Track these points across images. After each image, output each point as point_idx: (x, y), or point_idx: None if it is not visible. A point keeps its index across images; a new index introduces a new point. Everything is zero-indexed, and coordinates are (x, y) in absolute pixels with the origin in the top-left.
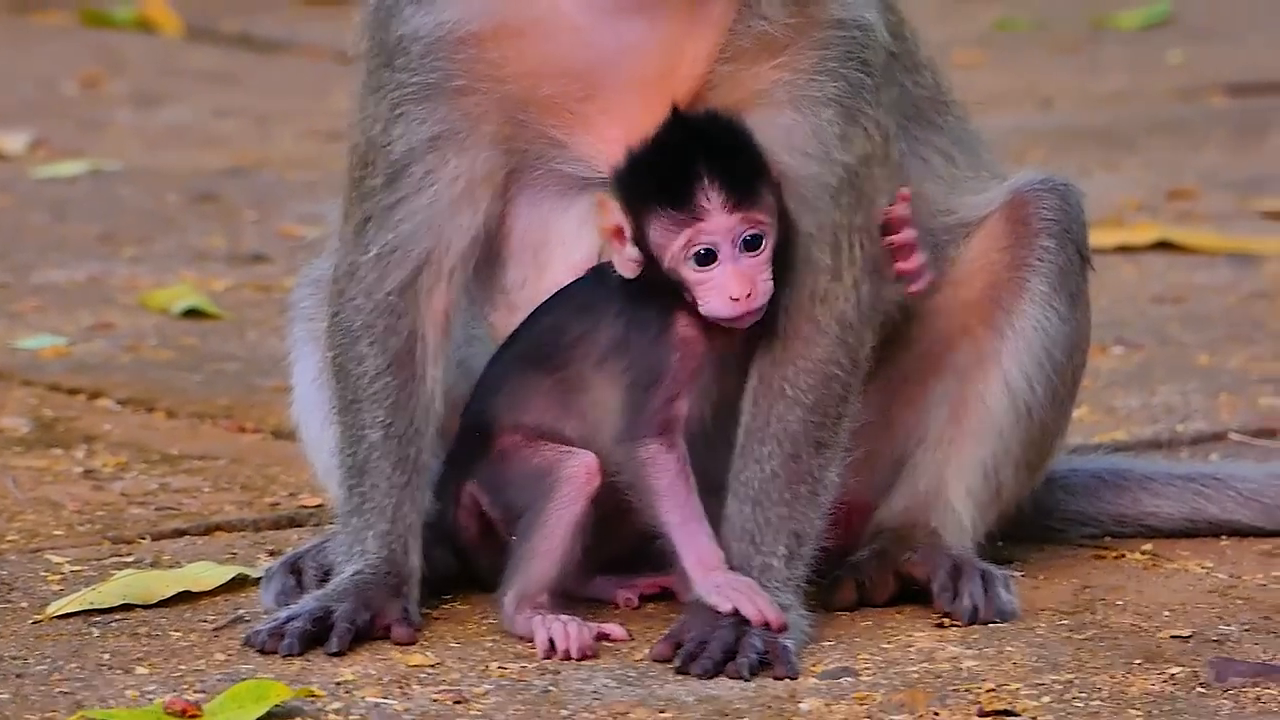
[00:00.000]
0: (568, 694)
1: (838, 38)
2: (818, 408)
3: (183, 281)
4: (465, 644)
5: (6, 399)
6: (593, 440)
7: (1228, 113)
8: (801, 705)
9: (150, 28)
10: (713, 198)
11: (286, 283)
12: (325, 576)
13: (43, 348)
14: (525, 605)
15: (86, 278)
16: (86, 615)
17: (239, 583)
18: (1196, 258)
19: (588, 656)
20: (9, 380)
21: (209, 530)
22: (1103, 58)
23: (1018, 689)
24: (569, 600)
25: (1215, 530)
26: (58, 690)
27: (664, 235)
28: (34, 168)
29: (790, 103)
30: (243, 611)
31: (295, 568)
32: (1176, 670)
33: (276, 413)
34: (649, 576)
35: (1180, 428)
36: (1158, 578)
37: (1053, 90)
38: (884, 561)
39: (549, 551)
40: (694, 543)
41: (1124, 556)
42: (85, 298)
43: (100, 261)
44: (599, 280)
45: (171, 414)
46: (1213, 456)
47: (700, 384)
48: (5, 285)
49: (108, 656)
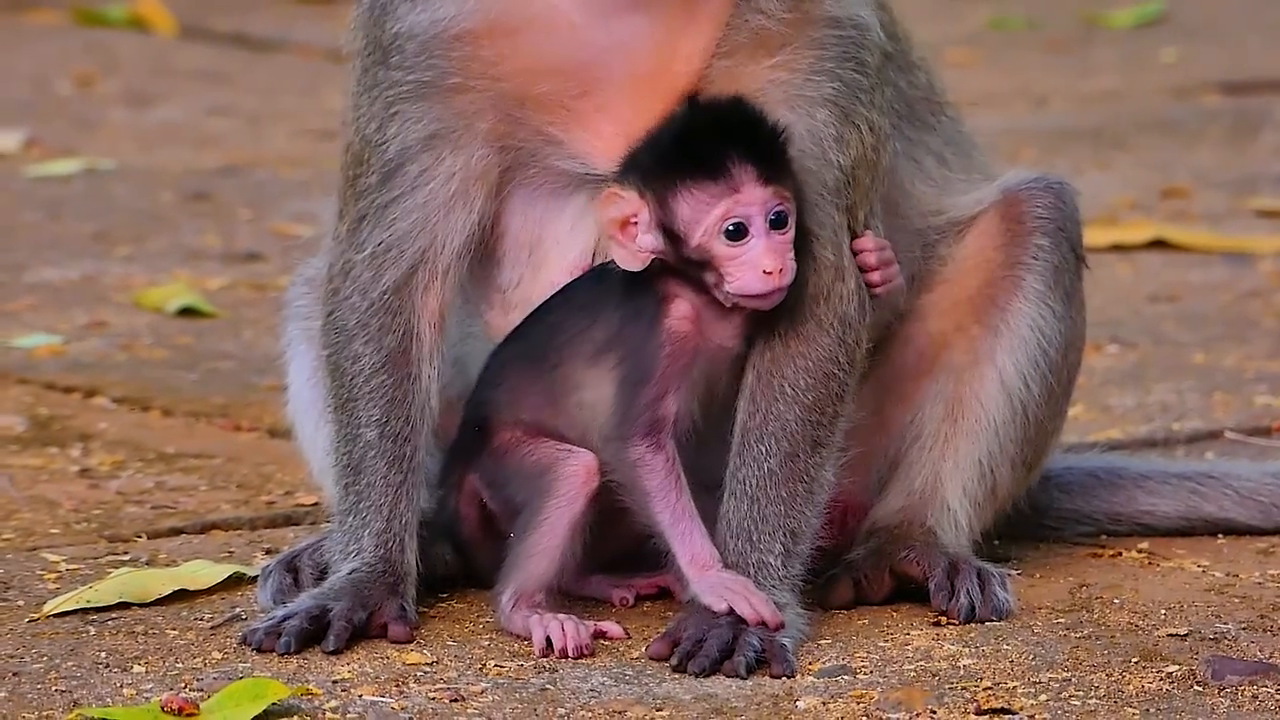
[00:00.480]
0: (565, 692)
1: (834, 37)
2: (816, 407)
3: (177, 280)
4: (462, 642)
5: (2, 398)
6: (584, 440)
7: (1221, 111)
8: (799, 703)
9: (144, 26)
10: (747, 170)
11: (281, 281)
12: (322, 575)
13: (37, 346)
14: (522, 603)
15: (81, 276)
16: (83, 614)
17: (236, 581)
18: (1191, 256)
19: (585, 655)
20: (4, 379)
21: (205, 529)
22: (1096, 57)
23: (1015, 687)
24: (566, 598)
25: (1211, 528)
26: (55, 689)
27: (697, 209)
28: (28, 166)
29: (786, 102)
30: (239, 610)
31: (292, 566)
32: (1173, 668)
33: (272, 411)
34: (646, 576)
35: (1176, 426)
36: (1154, 576)
37: (1046, 89)
38: (880, 560)
39: (547, 550)
40: (688, 542)
41: (1120, 555)
42: (80, 296)
43: (94, 260)
44: (599, 280)
45: (167, 412)
46: (1208, 455)
47: (690, 381)
48: (0, 284)
49: (104, 655)
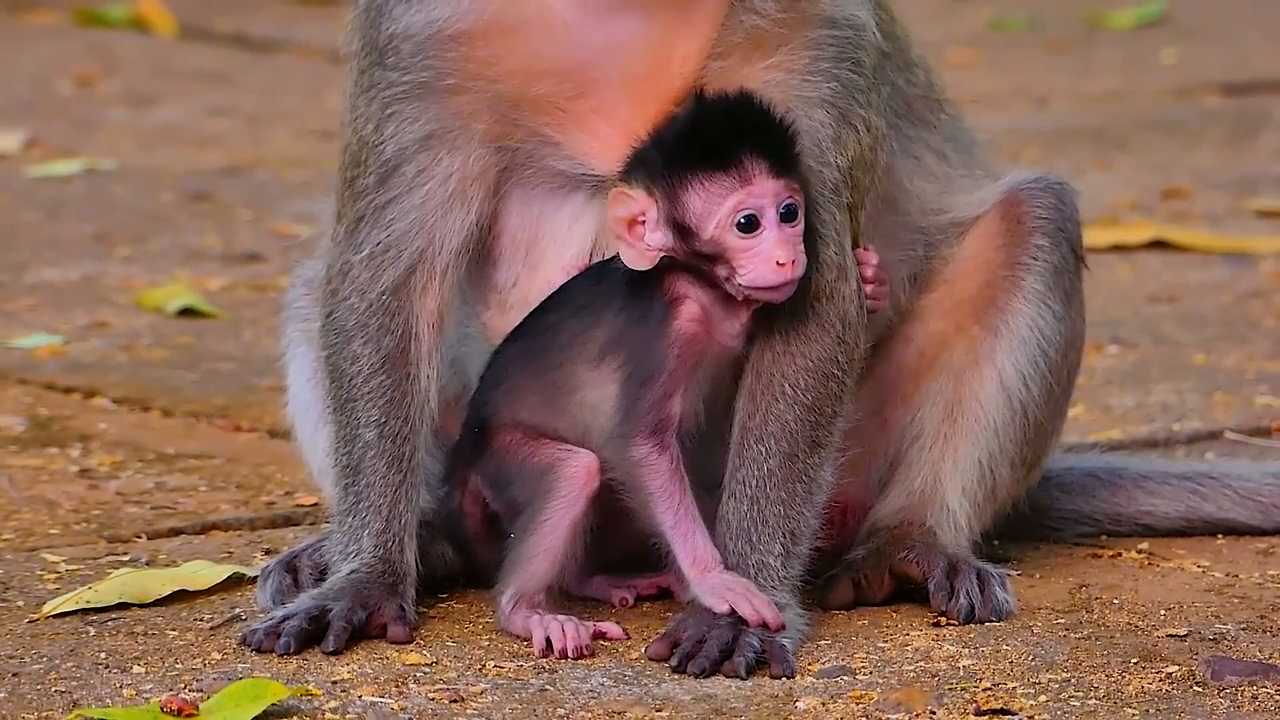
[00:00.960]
0: (564, 693)
1: (830, 37)
2: (815, 406)
3: (177, 281)
4: (462, 643)
5: (1, 398)
6: (585, 440)
7: (1222, 112)
8: (798, 704)
9: (144, 27)
10: (759, 162)
11: (281, 282)
12: (321, 575)
13: (38, 347)
14: (522, 604)
15: (81, 277)
16: (83, 614)
17: (235, 582)
18: (1191, 257)
19: (584, 655)
20: (4, 379)
21: (205, 529)
22: (1097, 57)
23: (1014, 688)
24: (567, 599)
25: (1211, 529)
26: (54, 689)
27: (709, 202)
28: (28, 167)
29: (783, 103)
30: (239, 610)
31: (291, 567)
32: (1173, 669)
33: (272, 412)
34: (647, 577)
35: (1176, 426)
36: (1154, 576)
37: (1047, 90)
38: (880, 560)
39: (548, 551)
40: (689, 544)
41: (1120, 555)
42: (80, 297)
43: (95, 261)
44: (599, 278)
45: (167, 413)
46: (1208, 455)
47: (695, 382)
48: (0, 284)
49: (104, 655)
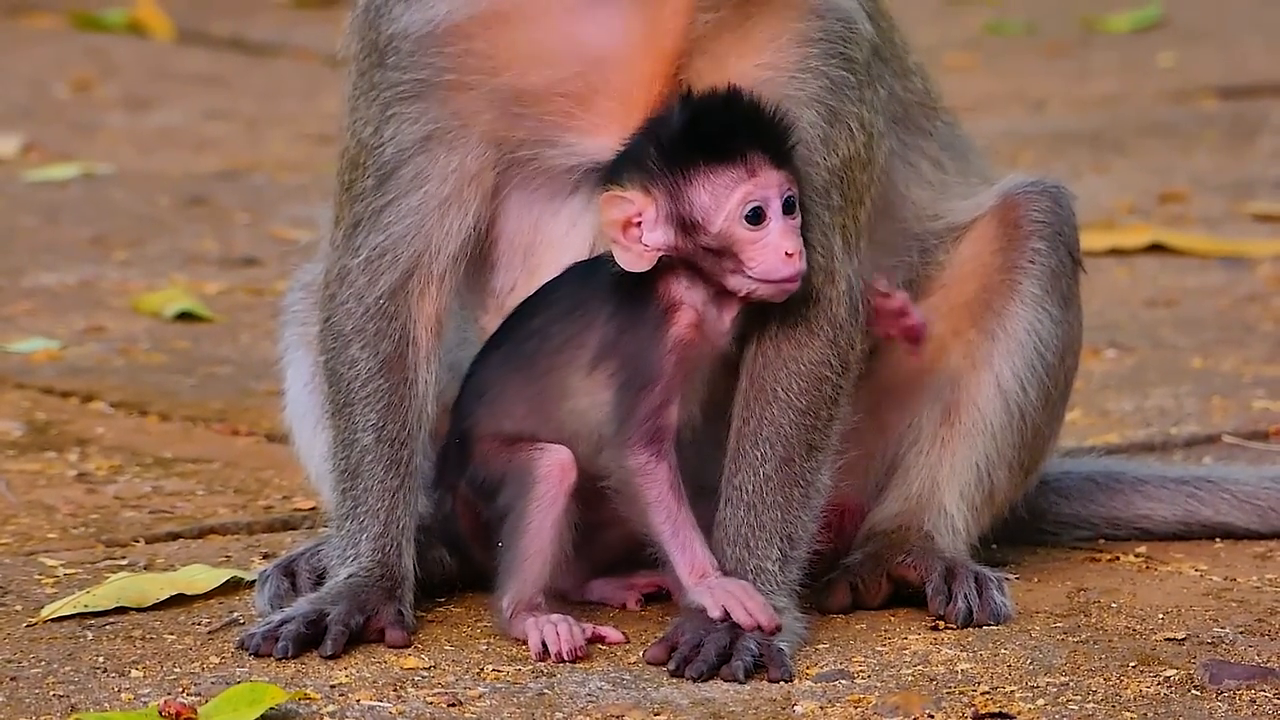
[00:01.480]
0: (563, 697)
1: (819, 30)
2: (810, 411)
3: (175, 285)
4: (460, 647)
5: None
6: (571, 446)
7: (1219, 115)
8: (796, 708)
9: (141, 31)
10: (762, 153)
11: (278, 286)
12: (319, 580)
13: (35, 351)
14: (520, 607)
15: (78, 281)
16: (81, 618)
17: (233, 586)
18: (1188, 260)
19: (580, 658)
20: (1, 383)
21: (203, 533)
22: (1093, 61)
23: (1013, 691)
24: (568, 603)
25: (1209, 533)
26: (52, 693)
27: (717, 195)
28: (25, 171)
29: (773, 101)
30: (237, 615)
31: (289, 571)
32: (1171, 673)
33: (270, 416)
34: (646, 575)
35: (1173, 430)
36: (1152, 580)
37: (1044, 93)
38: (878, 564)
39: (537, 553)
40: (687, 552)
41: (1118, 559)
42: (77, 301)
43: (92, 265)
44: (583, 280)
45: (164, 417)
46: (1206, 459)
47: (692, 387)
48: None
49: (102, 659)
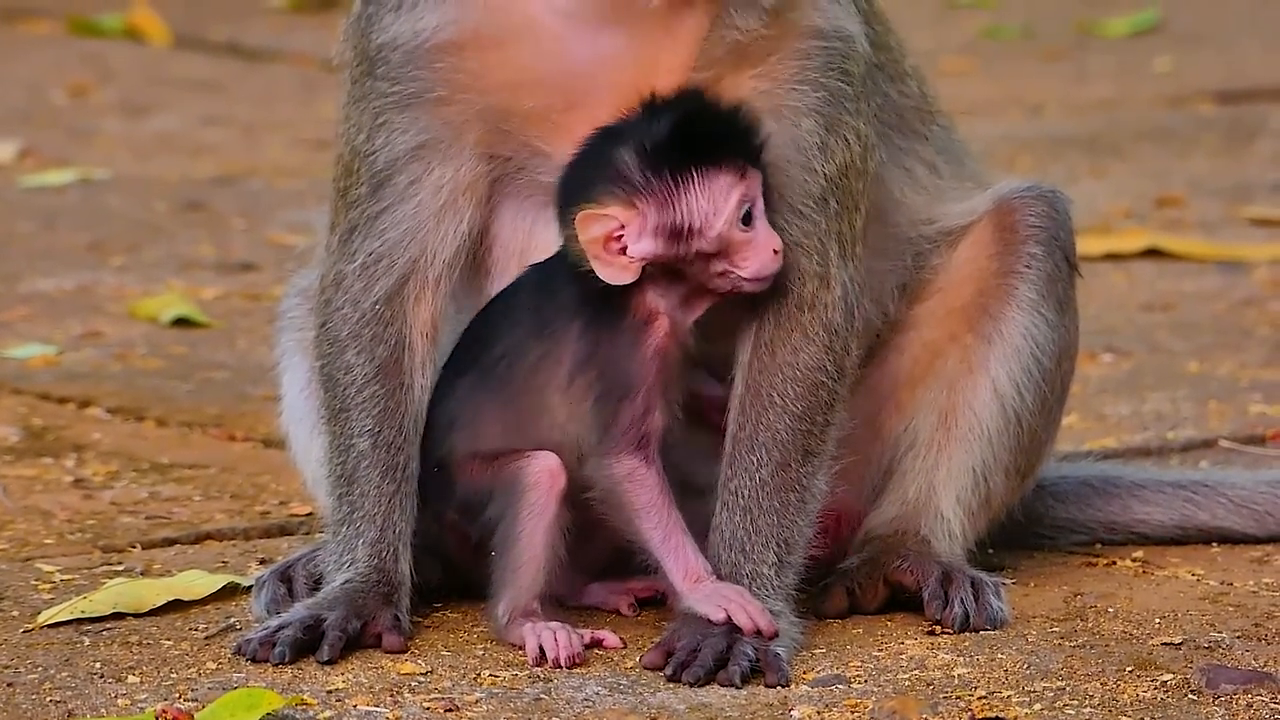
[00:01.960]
0: (559, 702)
1: (819, 48)
2: (805, 416)
3: (171, 290)
4: (456, 652)
5: None
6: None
7: (1215, 120)
8: (793, 713)
9: (138, 37)
10: (746, 154)
11: (275, 291)
12: (316, 585)
13: (31, 357)
14: (517, 614)
15: (75, 287)
16: (77, 624)
17: (230, 591)
18: (1185, 265)
19: (577, 664)
20: None
21: (200, 539)
22: (1090, 65)
23: (1009, 696)
24: (564, 608)
25: (1206, 537)
26: (49, 699)
27: (716, 199)
28: (22, 177)
29: (770, 112)
30: (234, 620)
31: (286, 576)
32: (1168, 677)
33: (266, 421)
34: (642, 580)
35: (1170, 435)
36: (1149, 585)
37: (1041, 98)
38: (874, 569)
39: (531, 559)
40: (679, 557)
41: (1115, 564)
42: (74, 307)
43: (89, 270)
44: (542, 294)
45: (161, 423)
46: (1203, 464)
47: (671, 391)
48: None
49: (99, 665)
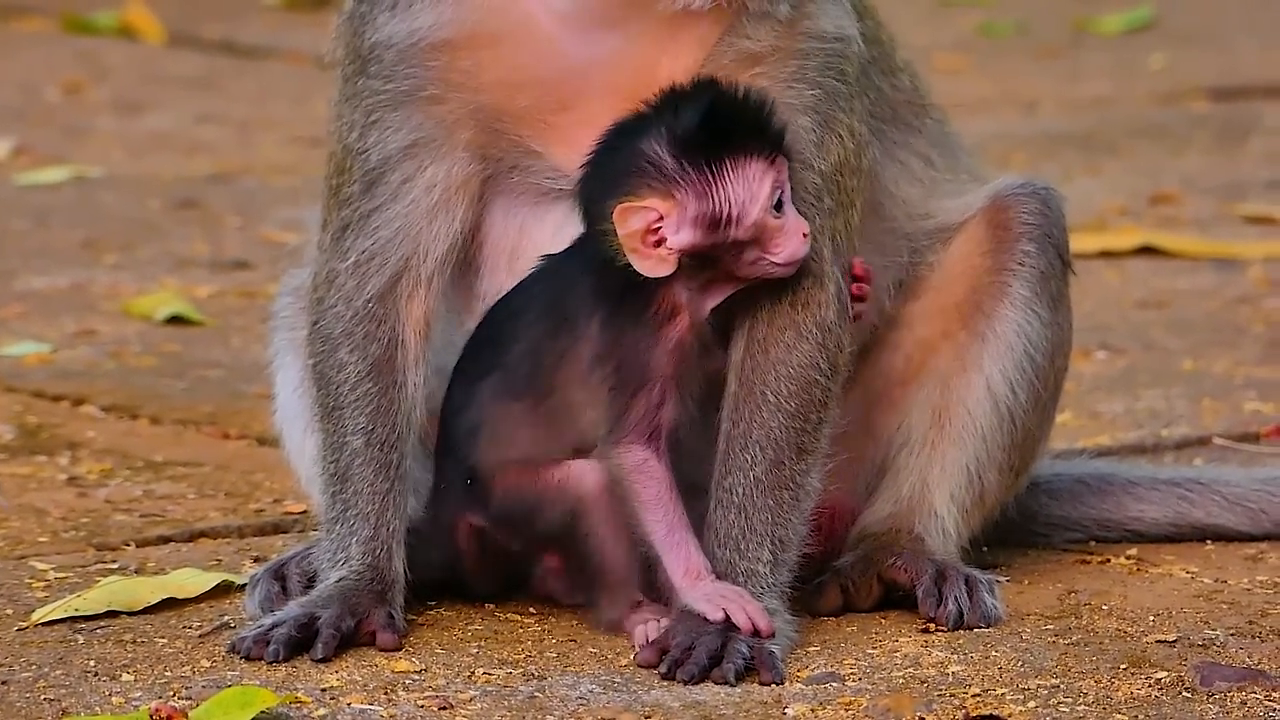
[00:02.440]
0: (553, 700)
1: (817, 49)
2: (799, 413)
3: (165, 288)
4: (451, 650)
5: None
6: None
7: (1210, 117)
8: (787, 710)
9: (132, 34)
10: (772, 142)
11: (269, 289)
12: (310, 583)
13: (26, 354)
14: (629, 613)
15: (69, 284)
16: (71, 622)
17: (224, 589)
18: (1179, 262)
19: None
20: None
21: (194, 537)
22: (1085, 62)
23: (1004, 694)
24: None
25: (1200, 535)
26: (43, 697)
27: (752, 186)
28: (16, 174)
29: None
30: (228, 618)
31: (280, 574)
32: (1162, 675)
33: (260, 419)
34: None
35: (1164, 432)
36: (1143, 582)
37: (1035, 95)
38: (868, 567)
39: (623, 561)
40: (681, 553)
41: (1109, 561)
42: (68, 304)
43: (83, 268)
44: (555, 289)
45: (155, 421)
46: (1197, 461)
47: (687, 383)
48: None
49: (93, 663)
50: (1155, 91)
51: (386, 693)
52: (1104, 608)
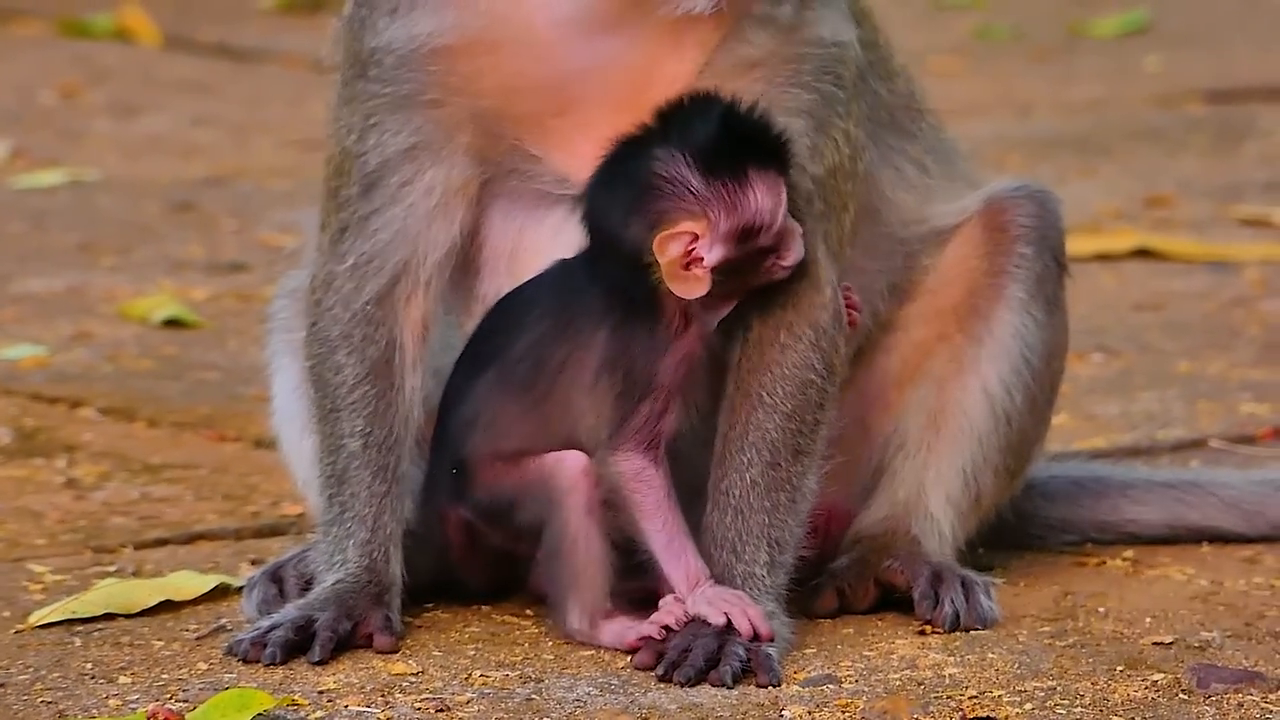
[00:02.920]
0: (550, 702)
1: (815, 54)
2: (795, 415)
3: (162, 291)
4: (447, 652)
5: None
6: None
7: (1205, 119)
8: (784, 713)
9: (128, 38)
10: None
11: (266, 292)
12: (307, 585)
13: (22, 357)
14: (597, 617)
15: (66, 287)
16: (69, 625)
17: (221, 592)
18: (1175, 265)
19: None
20: None
21: (191, 539)
22: (1080, 65)
23: (1000, 696)
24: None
25: (1196, 537)
26: (40, 700)
27: (772, 194)
28: (12, 177)
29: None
30: (225, 620)
31: (277, 576)
32: (1158, 677)
33: (257, 422)
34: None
35: (1160, 434)
36: (1139, 584)
37: (1030, 98)
38: (864, 569)
39: (595, 560)
40: (681, 560)
41: (1105, 563)
42: (64, 307)
43: (79, 271)
44: (564, 291)
45: (152, 423)
46: (1193, 463)
47: (690, 391)
48: None
49: (90, 666)
50: (1151, 94)
51: (383, 695)
52: (1100, 610)
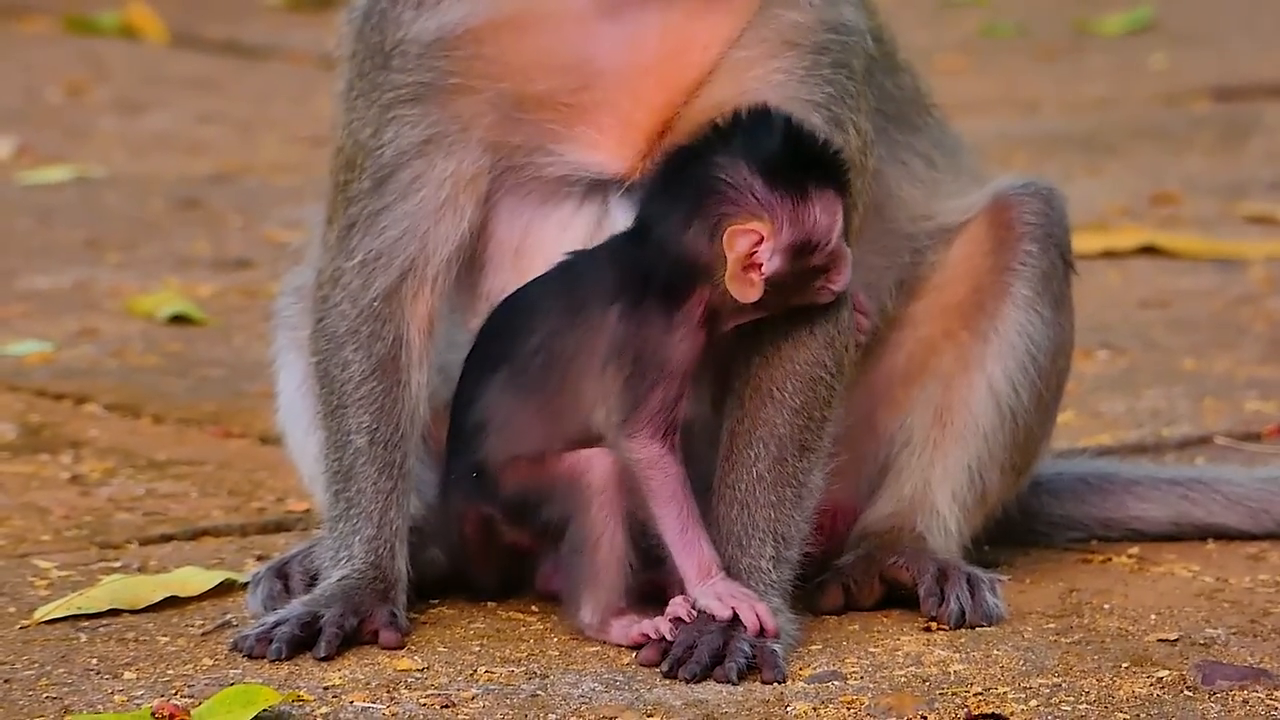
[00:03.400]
0: (555, 698)
1: (835, 41)
2: (803, 411)
3: (168, 287)
4: (453, 648)
5: None
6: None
7: (1211, 117)
8: (789, 709)
9: (134, 34)
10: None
11: (272, 288)
12: (312, 581)
13: (28, 353)
14: (609, 615)
15: (72, 283)
16: (74, 620)
17: (226, 588)
18: (1181, 262)
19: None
20: None
21: (196, 535)
22: (1086, 63)
23: (1005, 692)
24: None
25: (1201, 534)
26: (45, 695)
27: (831, 214)
28: (19, 174)
29: (783, 104)
30: (230, 616)
31: (282, 573)
32: (1164, 673)
33: (263, 418)
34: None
35: (1166, 432)
36: (1144, 581)
37: (1036, 95)
38: (870, 565)
39: (616, 559)
40: (694, 550)
41: (1110, 560)
42: (70, 303)
43: (85, 267)
44: (571, 284)
45: (158, 419)
46: (1198, 460)
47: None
48: None
49: (95, 661)
50: (1156, 92)
51: (389, 691)
52: (1105, 606)
